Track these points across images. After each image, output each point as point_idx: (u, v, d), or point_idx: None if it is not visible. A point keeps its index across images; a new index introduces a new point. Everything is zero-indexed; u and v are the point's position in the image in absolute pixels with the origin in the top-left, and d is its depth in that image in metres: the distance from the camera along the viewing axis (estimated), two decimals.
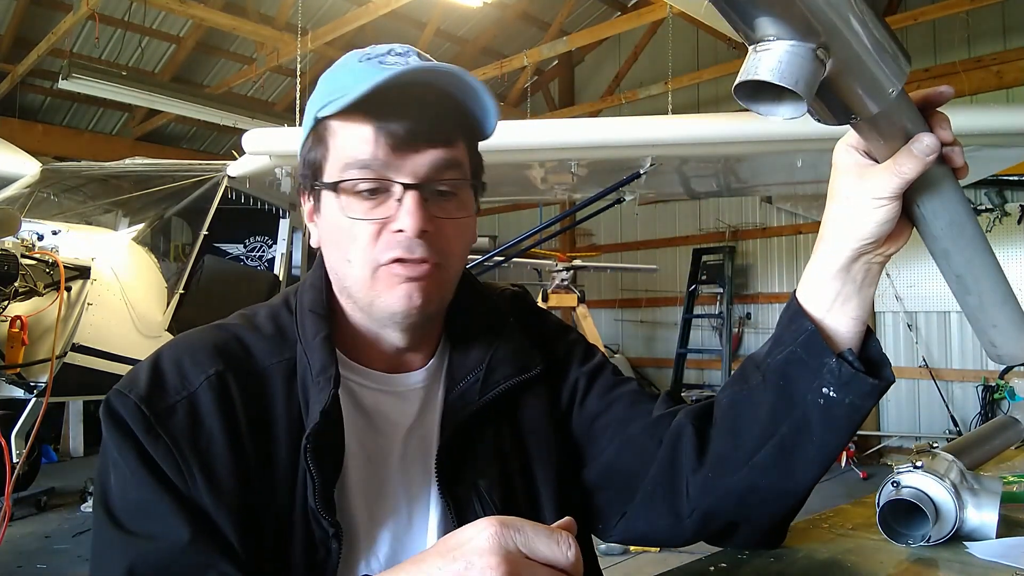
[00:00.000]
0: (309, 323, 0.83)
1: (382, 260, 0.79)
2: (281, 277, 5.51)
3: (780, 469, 0.81)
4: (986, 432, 1.50)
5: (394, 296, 0.80)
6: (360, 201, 0.79)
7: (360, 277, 0.80)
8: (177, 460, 0.73)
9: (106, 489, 0.75)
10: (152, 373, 0.78)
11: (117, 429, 0.75)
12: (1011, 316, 0.74)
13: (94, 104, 8.52)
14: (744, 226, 8.66)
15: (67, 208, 4.88)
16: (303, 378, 0.80)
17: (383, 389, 0.87)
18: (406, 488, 0.85)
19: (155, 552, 0.70)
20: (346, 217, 0.79)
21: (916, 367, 7.21)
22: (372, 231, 0.79)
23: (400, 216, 0.78)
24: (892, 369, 0.79)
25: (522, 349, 0.92)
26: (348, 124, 0.79)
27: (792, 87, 0.56)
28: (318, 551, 0.76)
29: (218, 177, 4.83)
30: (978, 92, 6.87)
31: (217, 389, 0.77)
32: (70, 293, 3.83)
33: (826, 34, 0.56)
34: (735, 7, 0.55)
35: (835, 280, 0.77)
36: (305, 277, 0.90)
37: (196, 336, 0.83)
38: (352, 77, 0.79)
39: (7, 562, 4.18)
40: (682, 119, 4.29)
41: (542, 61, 8.30)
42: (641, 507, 0.90)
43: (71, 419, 7.43)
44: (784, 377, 0.80)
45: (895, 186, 0.69)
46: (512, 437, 0.90)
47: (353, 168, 0.78)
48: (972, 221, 0.74)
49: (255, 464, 0.77)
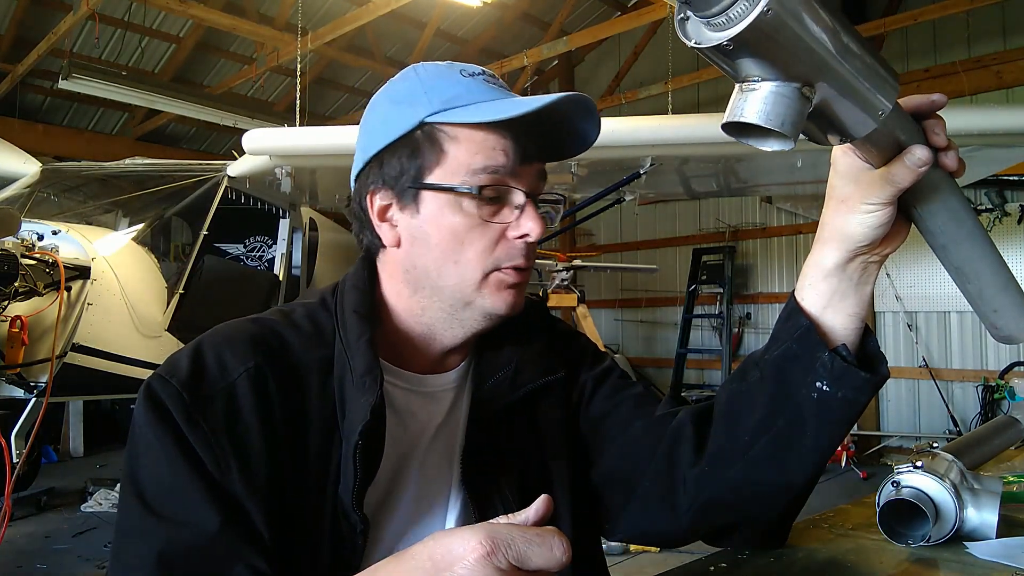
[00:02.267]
0: (353, 323, 0.84)
1: (500, 264, 0.83)
2: (281, 277, 5.51)
3: (776, 463, 0.82)
4: (986, 432, 1.50)
5: (500, 300, 0.84)
6: (483, 206, 0.82)
7: (467, 278, 0.83)
8: (213, 448, 0.74)
9: (137, 472, 0.75)
10: (194, 361, 0.78)
11: (156, 413, 0.75)
12: (1012, 300, 0.75)
13: (94, 104, 8.51)
14: (744, 226, 8.65)
15: (67, 208, 4.88)
16: (340, 376, 0.82)
17: (415, 390, 0.89)
18: (428, 485, 0.86)
19: (184, 538, 0.71)
20: (464, 218, 0.82)
21: (916, 367, 7.21)
22: (492, 235, 0.82)
23: (523, 223, 0.82)
24: (888, 366, 0.80)
25: (546, 353, 0.95)
26: (479, 133, 0.81)
27: (778, 128, 0.56)
28: (345, 545, 0.77)
29: (218, 177, 4.83)
30: (978, 92, 6.87)
31: (255, 381, 0.78)
32: (70, 293, 3.84)
33: (811, 73, 0.57)
34: (718, 50, 0.55)
35: (831, 278, 0.78)
36: (343, 279, 0.91)
37: (236, 328, 0.84)
38: (465, 89, 0.82)
39: (7, 562, 4.18)
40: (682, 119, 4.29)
41: (542, 61, 8.30)
42: (641, 503, 0.91)
43: (71, 419, 7.43)
44: (780, 372, 0.81)
45: (889, 194, 0.70)
46: (531, 438, 0.92)
47: (482, 174, 0.81)
48: (970, 216, 0.74)
49: (288, 457, 0.77)
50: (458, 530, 0.56)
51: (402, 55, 8.98)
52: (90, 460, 7.21)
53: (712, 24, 0.54)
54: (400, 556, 0.59)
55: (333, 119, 9.72)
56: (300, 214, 5.77)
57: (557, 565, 0.54)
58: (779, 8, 0.52)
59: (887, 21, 6.61)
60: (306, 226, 5.83)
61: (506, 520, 0.58)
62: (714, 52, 0.55)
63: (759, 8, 0.51)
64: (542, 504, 0.60)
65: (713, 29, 0.55)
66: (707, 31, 0.55)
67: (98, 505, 5.34)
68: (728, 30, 0.53)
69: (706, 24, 0.55)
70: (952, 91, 6.93)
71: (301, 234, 5.76)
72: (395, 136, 0.83)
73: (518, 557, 0.54)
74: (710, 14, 0.54)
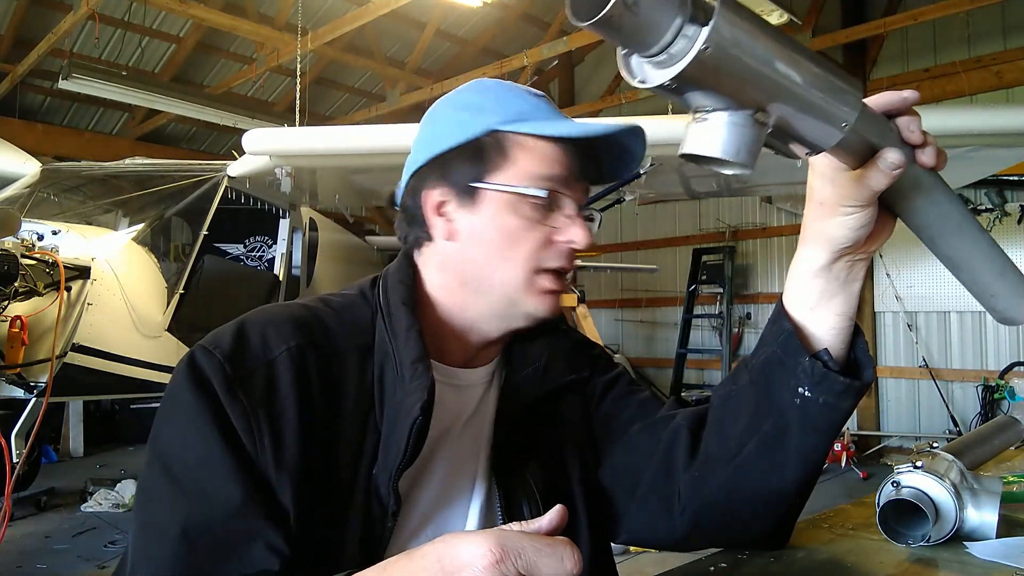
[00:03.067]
0: (401, 315, 0.86)
1: (545, 266, 0.87)
2: (281, 277, 5.51)
3: (763, 467, 0.83)
4: (986, 432, 1.50)
5: (543, 302, 0.88)
6: (537, 210, 0.86)
7: (515, 276, 0.87)
8: (250, 422, 0.75)
9: (166, 441, 0.76)
10: (237, 337, 0.80)
11: (197, 383, 0.76)
12: (1009, 285, 0.75)
13: (94, 104, 8.51)
14: (744, 226, 8.65)
15: (67, 208, 4.87)
16: (381, 365, 0.84)
17: (448, 382, 0.90)
18: (454, 475, 0.88)
19: (207, 511, 0.71)
20: (520, 220, 0.86)
21: (916, 367, 7.20)
22: (542, 238, 0.86)
23: (572, 230, 0.87)
24: (876, 370, 0.81)
25: (574, 351, 1.00)
26: (546, 145, 0.87)
27: (733, 159, 0.56)
28: (374, 527, 0.78)
29: (218, 177, 4.83)
30: (978, 92, 6.87)
31: (296, 361, 0.79)
32: (70, 293, 3.83)
33: (762, 98, 0.55)
34: (663, 88, 0.54)
35: (817, 279, 0.79)
36: (387, 272, 0.93)
37: (280, 309, 0.86)
38: (533, 107, 0.89)
39: (7, 562, 4.17)
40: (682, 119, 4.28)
41: (542, 61, 8.29)
42: (639, 506, 0.92)
43: (71, 419, 7.43)
44: (765, 377, 0.82)
45: (865, 196, 0.70)
46: (554, 434, 0.94)
47: (544, 181, 0.86)
48: (956, 207, 0.73)
49: (322, 437, 0.78)
50: (469, 534, 0.57)
51: (402, 55, 8.98)
52: (90, 460, 7.21)
53: (654, 63, 0.53)
54: (410, 555, 0.60)
55: (333, 119, 9.72)
56: (300, 214, 5.78)
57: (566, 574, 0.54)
58: (720, 40, 0.50)
59: (887, 21, 6.60)
60: (306, 226, 5.83)
61: (519, 527, 0.58)
62: (660, 89, 0.54)
63: (699, 44, 0.50)
64: (556, 514, 0.60)
65: (656, 67, 0.53)
66: (650, 69, 0.54)
67: (98, 505, 5.34)
68: (670, 68, 0.52)
69: (648, 62, 0.54)
70: (952, 91, 6.94)
71: (301, 234, 5.76)
72: (463, 139, 0.87)
73: (527, 566, 0.54)
74: (650, 54, 0.53)
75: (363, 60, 8.49)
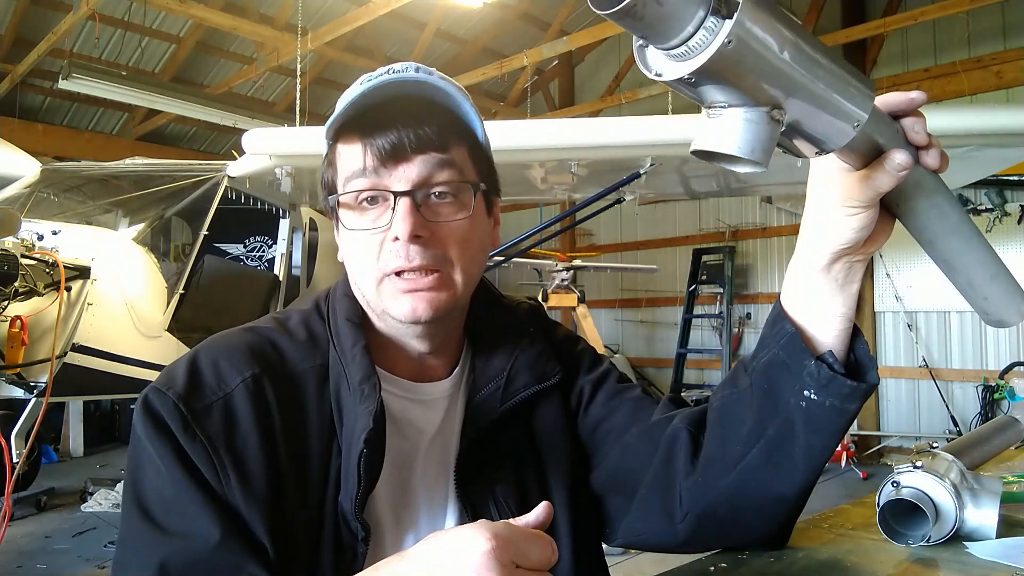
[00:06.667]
0: (346, 332, 0.84)
1: (386, 271, 0.81)
2: (281, 277, 5.51)
3: (768, 472, 0.82)
4: (986, 432, 1.50)
5: (400, 306, 0.82)
6: (361, 214, 0.82)
7: (370, 288, 0.83)
8: (212, 460, 0.74)
9: (139, 485, 0.75)
10: (190, 373, 0.78)
11: (154, 426, 0.75)
12: (1001, 289, 0.75)
13: (94, 104, 8.51)
14: (744, 226, 8.65)
15: (67, 208, 4.87)
16: (336, 384, 0.82)
17: (410, 397, 0.88)
18: (427, 493, 0.86)
19: (187, 550, 0.71)
20: (350, 229, 0.83)
21: (916, 367, 7.20)
22: (376, 242, 0.81)
23: (394, 223, 0.80)
24: (879, 371, 0.80)
25: (541, 358, 0.94)
26: (346, 142, 0.83)
27: (748, 156, 0.54)
28: (346, 553, 0.77)
29: (218, 177, 4.82)
30: (978, 92, 6.86)
31: (253, 392, 0.78)
32: (70, 293, 3.83)
33: (779, 95, 0.54)
34: (680, 81, 0.53)
35: (816, 280, 0.78)
36: (335, 285, 0.92)
37: (231, 337, 0.83)
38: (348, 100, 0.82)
39: (7, 562, 4.17)
40: (682, 119, 4.28)
41: (542, 61, 8.29)
42: (638, 511, 0.91)
43: (71, 419, 7.43)
44: (768, 380, 0.80)
45: (869, 197, 0.69)
46: (529, 444, 0.91)
47: (351, 180, 0.82)
48: (955, 210, 0.73)
49: (287, 467, 0.77)
50: (460, 528, 0.58)
51: (402, 55, 8.98)
52: (90, 460, 7.21)
53: (672, 55, 0.52)
54: (402, 555, 0.60)
55: None
56: (300, 214, 5.77)
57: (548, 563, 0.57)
58: (743, 34, 0.49)
59: (887, 21, 6.60)
60: (306, 226, 5.83)
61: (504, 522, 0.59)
62: (676, 83, 0.53)
63: (722, 37, 0.49)
64: (542, 510, 0.61)
65: (674, 60, 0.52)
66: (668, 61, 0.53)
67: (98, 505, 5.34)
68: (689, 61, 0.51)
69: (666, 55, 0.53)
70: (952, 91, 6.94)
71: (301, 234, 5.76)
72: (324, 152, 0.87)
73: (518, 553, 0.56)
74: (670, 46, 0.52)
75: (363, 60, 8.48)
